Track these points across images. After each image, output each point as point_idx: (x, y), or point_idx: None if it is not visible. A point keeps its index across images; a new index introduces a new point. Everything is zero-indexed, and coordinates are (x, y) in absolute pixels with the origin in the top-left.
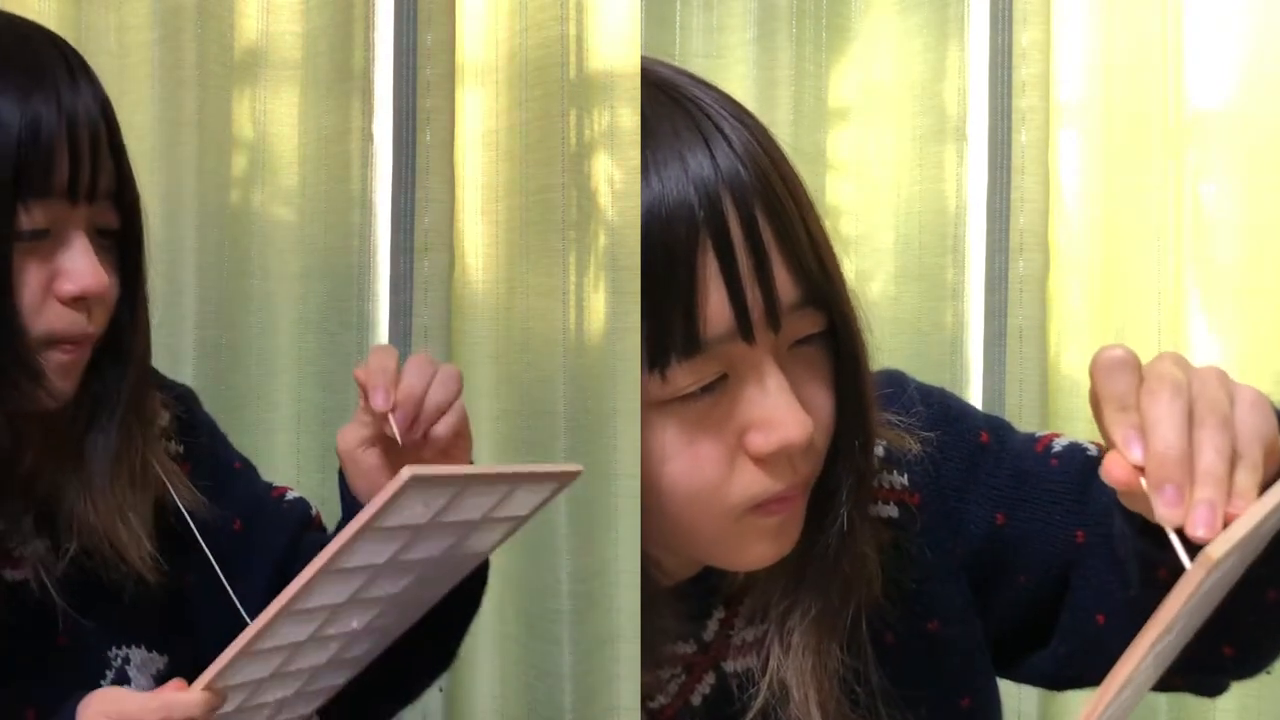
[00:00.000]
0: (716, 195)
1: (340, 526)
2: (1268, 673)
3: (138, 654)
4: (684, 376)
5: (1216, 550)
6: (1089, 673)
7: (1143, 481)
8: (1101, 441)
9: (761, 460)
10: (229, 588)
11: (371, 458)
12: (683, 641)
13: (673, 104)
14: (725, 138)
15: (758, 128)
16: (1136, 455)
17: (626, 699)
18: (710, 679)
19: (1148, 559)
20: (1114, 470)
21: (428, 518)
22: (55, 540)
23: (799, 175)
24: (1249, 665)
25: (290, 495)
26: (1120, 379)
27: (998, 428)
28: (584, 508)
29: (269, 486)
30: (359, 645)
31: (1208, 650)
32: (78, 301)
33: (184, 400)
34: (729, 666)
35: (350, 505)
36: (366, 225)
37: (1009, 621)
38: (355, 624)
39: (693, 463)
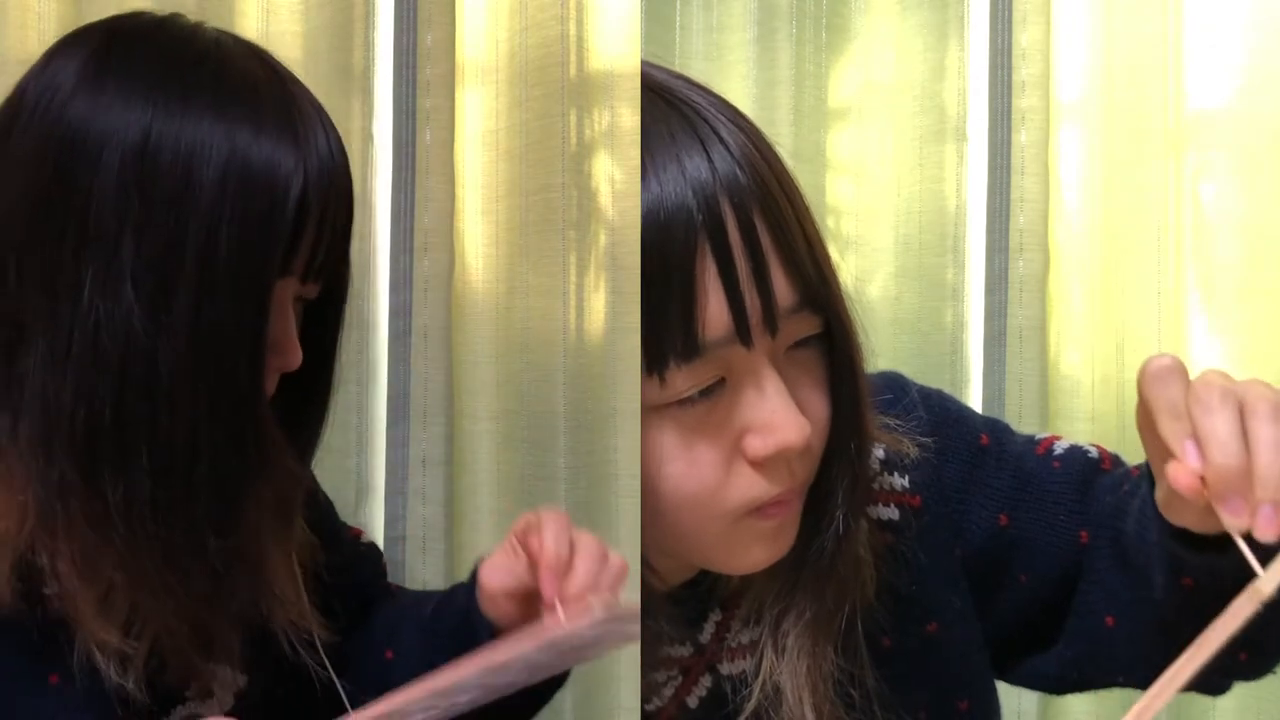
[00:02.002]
0: (714, 199)
1: (460, 635)
2: (1274, 673)
3: (224, 672)
4: (682, 380)
5: (1267, 586)
6: (1094, 676)
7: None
8: (1102, 445)
9: (759, 464)
10: (318, 641)
11: (511, 606)
12: (679, 644)
13: (669, 107)
14: (722, 141)
15: (753, 131)
16: (1196, 463)
17: (626, 699)
18: (706, 682)
19: (1176, 564)
20: (1181, 479)
21: (592, 638)
22: None
23: (795, 178)
24: (1259, 669)
25: (365, 539)
26: (1171, 387)
27: (997, 430)
28: (584, 508)
29: (345, 525)
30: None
31: (1223, 655)
32: (277, 369)
33: None
34: (725, 669)
35: (477, 622)
36: (366, 225)
37: (1009, 623)
38: (466, 699)
39: (691, 466)
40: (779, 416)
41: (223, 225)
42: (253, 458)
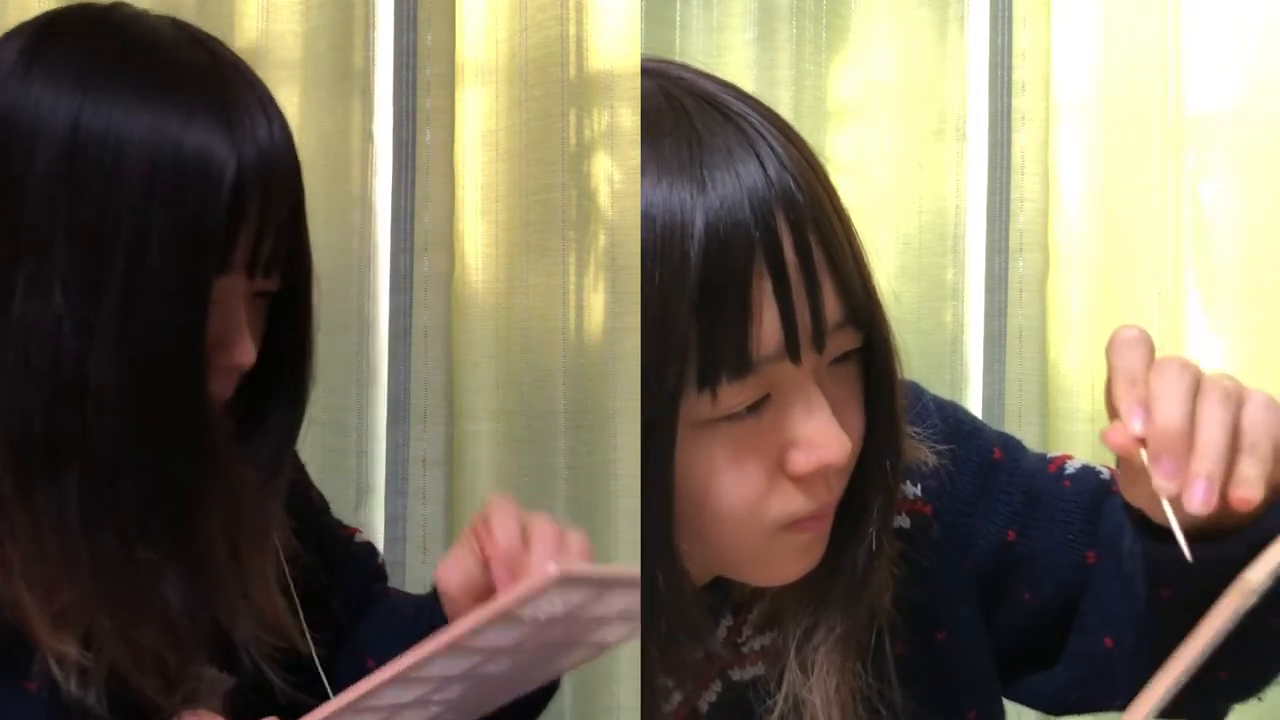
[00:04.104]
0: (771, 216)
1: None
2: (1259, 699)
3: (209, 673)
4: (732, 397)
5: (1255, 576)
6: (1094, 697)
7: (1143, 455)
8: (1113, 465)
9: (799, 479)
10: (306, 631)
11: (471, 605)
12: (690, 649)
13: (725, 121)
14: (778, 157)
15: (803, 144)
16: (1137, 427)
17: (626, 699)
18: (716, 686)
19: (1152, 565)
20: (1114, 437)
21: (563, 612)
22: None
23: (840, 191)
24: (1242, 690)
25: (359, 538)
26: (1133, 355)
27: (1010, 446)
28: (584, 508)
29: (339, 523)
30: (450, 715)
31: (1202, 672)
32: (230, 367)
33: None
34: (736, 674)
35: (439, 626)
36: (366, 225)
37: (1012, 640)
38: (457, 693)
39: (737, 481)
40: (822, 434)
41: (153, 220)
42: (197, 466)
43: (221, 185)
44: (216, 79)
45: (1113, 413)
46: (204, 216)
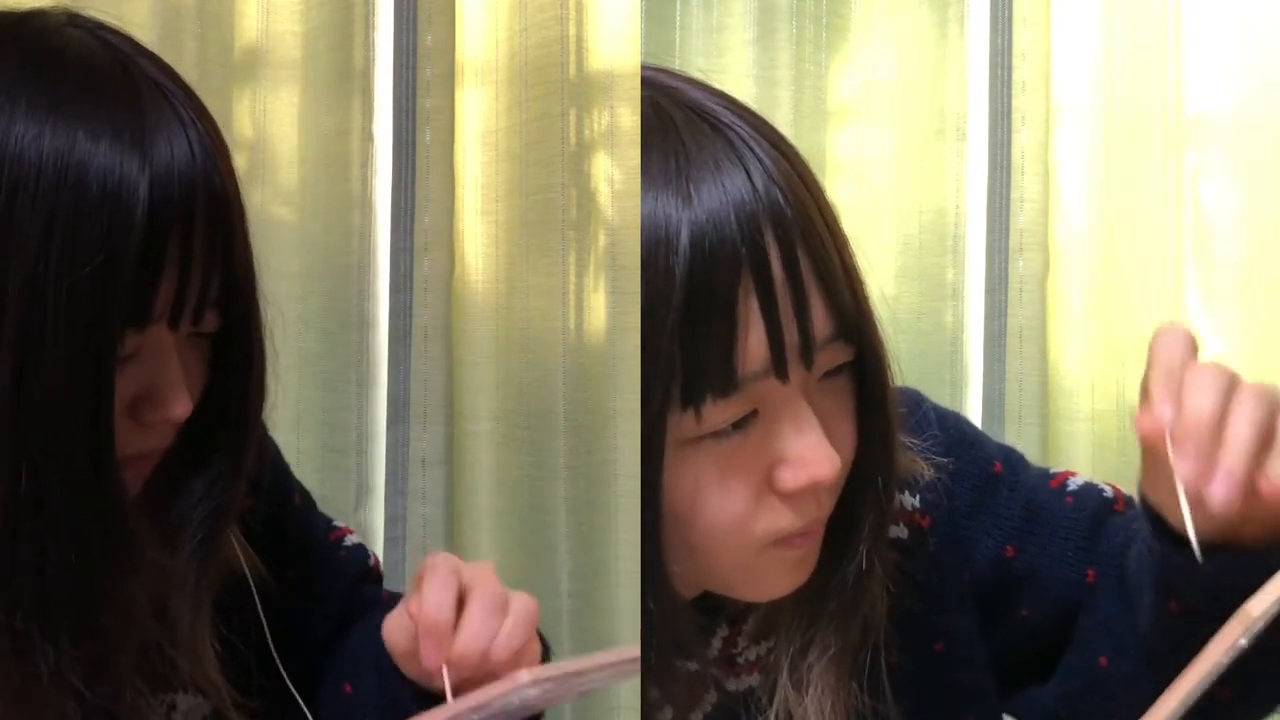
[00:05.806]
0: (759, 232)
1: (383, 694)
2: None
3: (184, 700)
4: (717, 415)
5: (1256, 606)
6: (1088, 715)
7: (1169, 444)
8: (1116, 484)
9: (788, 496)
10: (276, 656)
11: (418, 666)
12: (685, 659)
13: (714, 133)
14: (766, 171)
15: (795, 156)
16: (1167, 414)
17: (626, 699)
18: (712, 697)
19: (1163, 575)
20: (1142, 422)
21: (537, 695)
22: None
23: (833, 203)
24: (1244, 712)
25: (349, 541)
26: (1174, 349)
27: (1012, 459)
28: (583, 508)
29: (327, 526)
30: None
31: (1205, 691)
32: (163, 422)
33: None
34: (731, 685)
35: (396, 682)
36: (366, 225)
37: (1009, 654)
38: None
39: (724, 499)
40: (811, 451)
41: (49, 268)
42: (105, 559)
43: (132, 220)
44: (130, 96)
45: (1146, 403)
46: (111, 261)
